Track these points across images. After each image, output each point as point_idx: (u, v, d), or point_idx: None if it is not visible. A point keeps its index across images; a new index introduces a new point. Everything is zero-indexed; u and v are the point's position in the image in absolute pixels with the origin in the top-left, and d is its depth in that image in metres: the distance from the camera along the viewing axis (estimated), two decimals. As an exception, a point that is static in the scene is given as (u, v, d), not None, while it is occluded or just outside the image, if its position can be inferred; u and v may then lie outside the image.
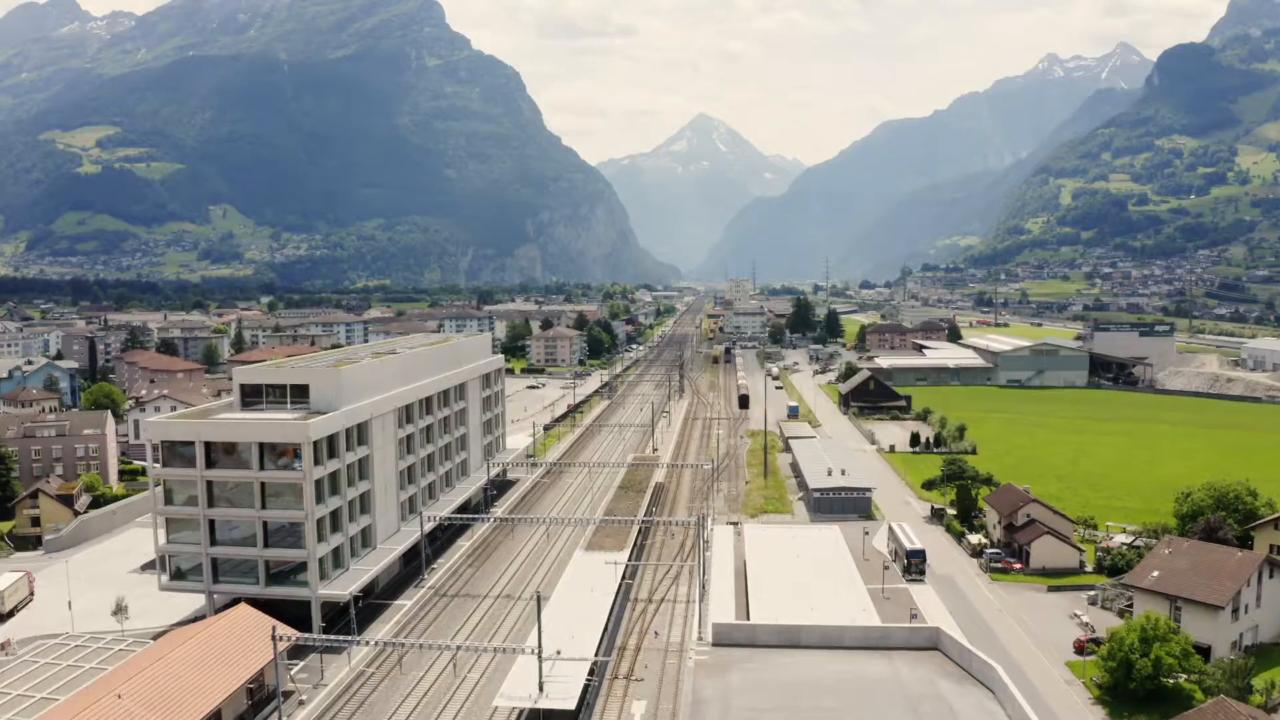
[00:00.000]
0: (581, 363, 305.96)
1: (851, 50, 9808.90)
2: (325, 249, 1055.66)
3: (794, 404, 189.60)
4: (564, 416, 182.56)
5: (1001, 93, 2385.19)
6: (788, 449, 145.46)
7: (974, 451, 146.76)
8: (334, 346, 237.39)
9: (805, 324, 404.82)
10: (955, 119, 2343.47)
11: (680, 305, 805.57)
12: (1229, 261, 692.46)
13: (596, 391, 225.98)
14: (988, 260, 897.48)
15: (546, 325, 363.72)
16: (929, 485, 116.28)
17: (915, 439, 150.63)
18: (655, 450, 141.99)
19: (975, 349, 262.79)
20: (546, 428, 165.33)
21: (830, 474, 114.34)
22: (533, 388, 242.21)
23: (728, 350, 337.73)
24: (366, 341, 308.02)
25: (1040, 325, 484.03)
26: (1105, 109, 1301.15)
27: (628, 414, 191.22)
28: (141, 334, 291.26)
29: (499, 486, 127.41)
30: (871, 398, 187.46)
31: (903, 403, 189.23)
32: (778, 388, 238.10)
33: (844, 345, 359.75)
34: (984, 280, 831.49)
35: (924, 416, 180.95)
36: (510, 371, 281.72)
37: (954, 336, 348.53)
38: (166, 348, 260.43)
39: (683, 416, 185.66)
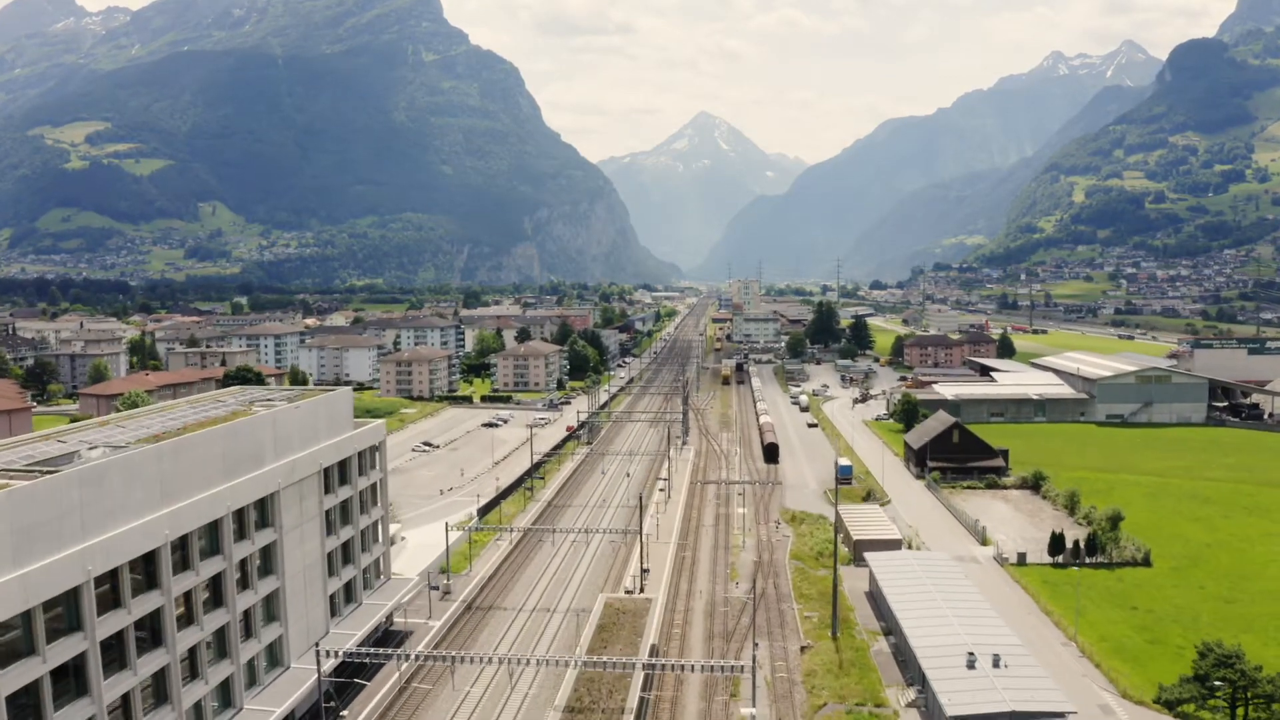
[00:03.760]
0: (561, 385, 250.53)
1: (852, 49, 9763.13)
2: (316, 246, 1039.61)
3: (845, 462, 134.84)
4: (512, 489, 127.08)
5: (1005, 90, 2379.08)
6: (858, 559, 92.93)
7: (1147, 562, 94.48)
8: (241, 372, 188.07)
9: (828, 333, 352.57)
10: (958, 117, 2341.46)
11: (682, 307, 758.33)
12: (1258, 261, 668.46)
13: (573, 434, 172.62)
14: (1001, 260, 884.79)
15: (523, 336, 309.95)
16: (1173, 705, 60.57)
17: (1057, 543, 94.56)
18: (645, 571, 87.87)
19: (1058, 372, 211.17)
20: (483, 511, 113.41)
21: (972, 664, 60.67)
22: (491, 425, 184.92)
23: (739, 367, 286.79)
24: (297, 365, 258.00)
25: (1136, 337, 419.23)
26: (1113, 106, 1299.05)
27: (607, 484, 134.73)
28: (31, 346, 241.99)
29: (364, 658, 71.83)
30: (955, 454, 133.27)
31: (999, 461, 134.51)
32: (810, 425, 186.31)
33: (877, 360, 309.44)
34: (1001, 280, 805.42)
35: (1035, 484, 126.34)
36: (468, 400, 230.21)
37: (1006, 349, 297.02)
38: (39, 368, 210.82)
39: (687, 482, 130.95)
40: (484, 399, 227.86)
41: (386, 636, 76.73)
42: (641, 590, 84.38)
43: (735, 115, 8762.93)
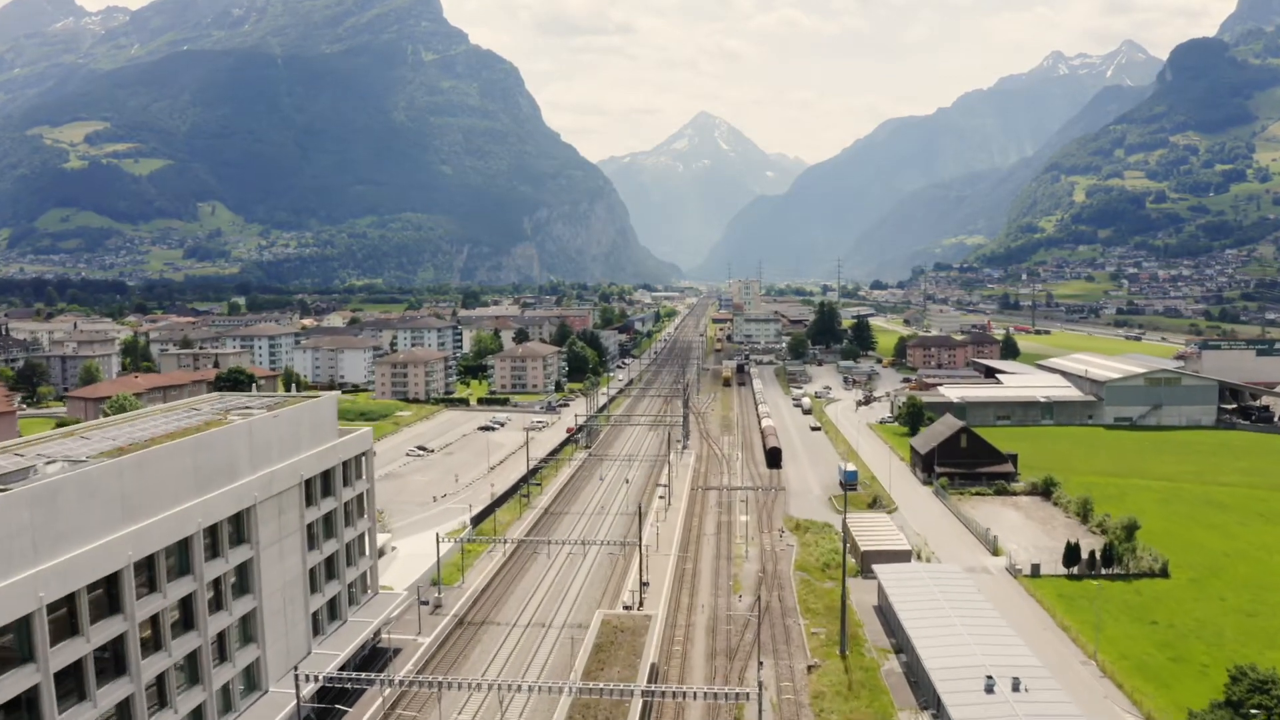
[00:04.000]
0: (559, 387, 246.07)
1: (852, 49, 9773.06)
2: (316, 246, 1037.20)
3: (850, 467, 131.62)
4: (508, 496, 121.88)
5: (1005, 90, 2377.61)
6: (866, 570, 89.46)
7: (1165, 573, 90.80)
8: (234, 374, 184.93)
9: (829, 333, 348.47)
10: (959, 116, 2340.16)
11: (682, 307, 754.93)
12: (1260, 261, 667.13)
13: (572, 437, 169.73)
14: (1002, 259, 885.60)
15: (522, 337, 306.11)
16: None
17: (1072, 553, 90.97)
18: (644, 584, 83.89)
19: (1065, 374, 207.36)
20: (477, 519, 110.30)
21: (991, 688, 57.57)
22: (487, 429, 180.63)
23: (740, 368, 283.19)
24: (291, 367, 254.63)
25: (1142, 338, 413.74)
26: (1113, 106, 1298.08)
27: (605, 490, 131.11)
28: (23, 347, 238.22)
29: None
30: (964, 459, 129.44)
31: (1008, 466, 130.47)
32: (813, 428, 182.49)
33: (879, 361, 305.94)
34: (1002, 280, 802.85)
35: (1046, 491, 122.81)
36: (464, 402, 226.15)
37: (1010, 350, 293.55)
38: (29, 370, 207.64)
39: (688, 488, 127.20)
40: (481, 401, 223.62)
41: (373, 655, 73.28)
42: (640, 605, 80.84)
43: (735, 115, 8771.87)
